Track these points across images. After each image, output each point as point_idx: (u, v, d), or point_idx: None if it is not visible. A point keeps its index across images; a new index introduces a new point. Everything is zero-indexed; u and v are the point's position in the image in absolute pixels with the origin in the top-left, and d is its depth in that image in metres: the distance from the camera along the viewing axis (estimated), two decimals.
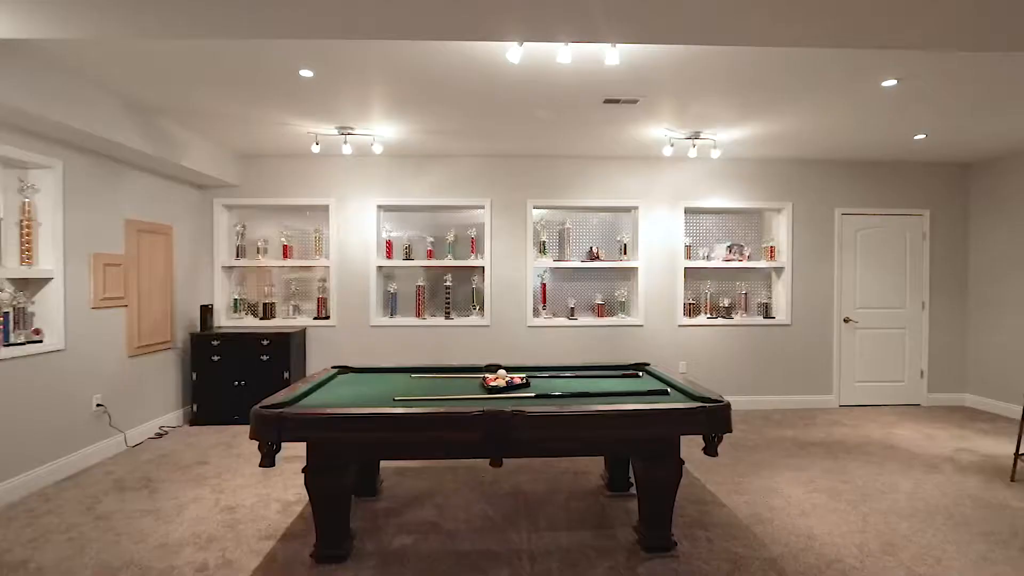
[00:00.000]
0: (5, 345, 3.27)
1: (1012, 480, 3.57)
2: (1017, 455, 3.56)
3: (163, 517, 3.00)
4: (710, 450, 2.49)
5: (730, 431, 2.48)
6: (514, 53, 2.57)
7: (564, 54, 2.58)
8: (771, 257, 5.58)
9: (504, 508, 3.11)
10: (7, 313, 3.31)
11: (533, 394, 2.75)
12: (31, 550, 2.64)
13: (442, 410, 2.38)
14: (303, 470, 2.46)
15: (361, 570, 2.45)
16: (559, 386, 2.99)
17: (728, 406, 2.48)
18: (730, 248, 5.58)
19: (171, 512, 3.07)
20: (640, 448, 2.55)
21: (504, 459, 2.53)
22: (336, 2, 2.02)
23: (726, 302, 5.64)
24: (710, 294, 5.63)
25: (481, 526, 2.89)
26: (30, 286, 3.55)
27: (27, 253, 3.47)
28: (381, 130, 4.38)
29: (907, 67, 3.15)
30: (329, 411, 2.38)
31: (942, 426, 4.86)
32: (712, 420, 2.43)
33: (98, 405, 3.95)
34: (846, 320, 5.59)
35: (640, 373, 3.37)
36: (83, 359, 3.80)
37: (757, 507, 3.15)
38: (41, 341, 3.50)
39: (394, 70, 3.19)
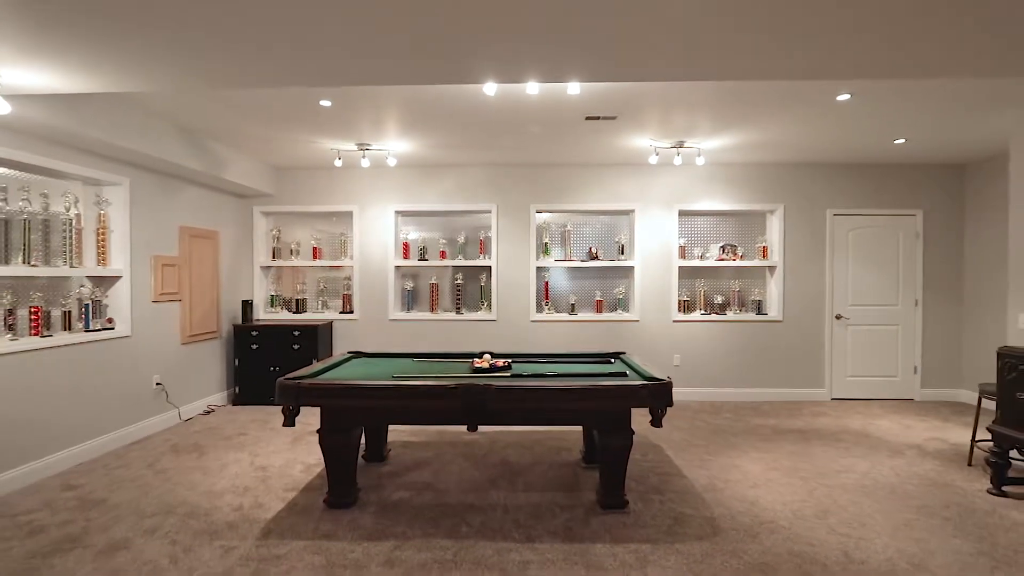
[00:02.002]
0: (86, 331, 3.99)
1: (969, 464, 3.81)
2: (974, 441, 3.80)
3: (209, 473, 3.65)
4: (655, 421, 2.92)
5: (671, 404, 2.89)
6: (490, 87, 3.05)
7: (532, 86, 3.04)
8: (764, 256, 5.86)
9: (491, 474, 3.61)
10: (87, 305, 4.04)
11: (509, 374, 3.24)
12: (108, 492, 3.31)
13: (426, 383, 2.90)
14: (317, 431, 3.03)
15: (363, 514, 2.99)
16: (537, 369, 3.46)
17: (669, 384, 2.90)
18: (723, 248, 5.90)
19: (215, 469, 3.71)
20: (596, 419, 3.00)
21: (480, 426, 3.01)
22: (344, 60, 2.53)
23: (720, 299, 5.96)
24: (704, 291, 5.95)
25: (468, 487, 3.39)
26: (104, 283, 4.28)
27: (102, 255, 4.19)
28: (394, 145, 4.95)
29: (856, 84, 3.46)
30: (336, 382, 2.94)
31: (925, 418, 5.06)
32: (654, 395, 2.86)
33: (157, 384, 4.66)
34: (838, 317, 5.82)
35: (612, 360, 3.80)
36: (145, 344, 4.52)
37: (714, 479, 3.53)
38: (113, 328, 4.22)
39: (399, 99, 3.73)
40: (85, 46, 2.33)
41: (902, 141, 4.83)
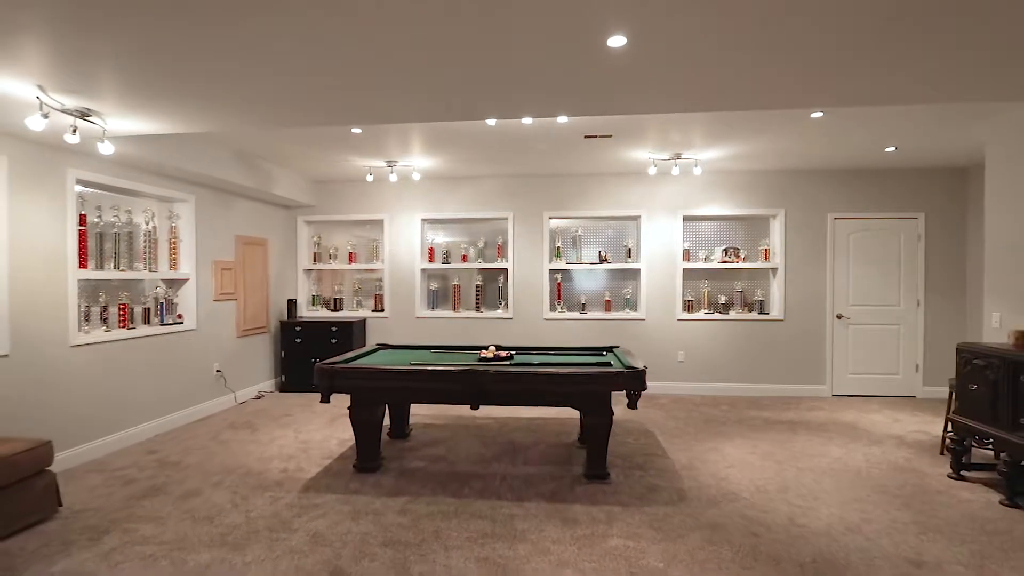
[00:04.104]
0: (161, 324, 4.76)
1: (941, 454, 4.08)
2: (945, 431, 4.07)
3: (260, 444, 4.33)
4: (631, 403, 3.38)
5: (644, 389, 3.36)
6: (491, 120, 3.59)
7: (527, 119, 3.56)
8: (766, 259, 6.17)
9: (496, 450, 4.14)
10: (162, 303, 4.81)
11: (508, 362, 3.76)
12: (181, 456, 4.03)
13: (435, 368, 3.46)
14: (348, 408, 3.64)
15: (385, 477, 3.59)
16: (536, 359, 3.97)
17: (643, 371, 3.36)
18: (726, 251, 6.23)
19: (265, 442, 4.39)
20: (581, 401, 3.49)
21: (482, 406, 3.54)
22: (369, 105, 3.11)
23: (723, 299, 6.30)
24: (708, 292, 6.30)
25: (476, 460, 3.94)
26: (175, 284, 5.05)
27: (173, 261, 4.97)
28: (418, 162, 5.56)
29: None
30: (363, 366, 3.54)
31: (918, 414, 5.28)
32: (629, 380, 3.33)
33: (217, 371, 5.42)
34: (839, 316, 6.06)
35: (604, 352, 4.26)
36: (207, 337, 5.28)
37: (694, 460, 3.95)
38: (182, 323, 4.98)
39: (420, 126, 4.33)
40: (175, 101, 2.99)
41: (893, 149, 5.08)
